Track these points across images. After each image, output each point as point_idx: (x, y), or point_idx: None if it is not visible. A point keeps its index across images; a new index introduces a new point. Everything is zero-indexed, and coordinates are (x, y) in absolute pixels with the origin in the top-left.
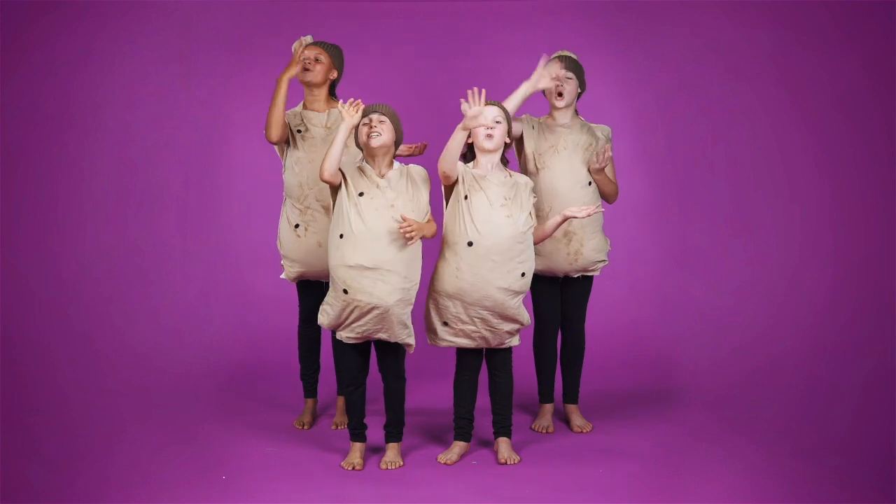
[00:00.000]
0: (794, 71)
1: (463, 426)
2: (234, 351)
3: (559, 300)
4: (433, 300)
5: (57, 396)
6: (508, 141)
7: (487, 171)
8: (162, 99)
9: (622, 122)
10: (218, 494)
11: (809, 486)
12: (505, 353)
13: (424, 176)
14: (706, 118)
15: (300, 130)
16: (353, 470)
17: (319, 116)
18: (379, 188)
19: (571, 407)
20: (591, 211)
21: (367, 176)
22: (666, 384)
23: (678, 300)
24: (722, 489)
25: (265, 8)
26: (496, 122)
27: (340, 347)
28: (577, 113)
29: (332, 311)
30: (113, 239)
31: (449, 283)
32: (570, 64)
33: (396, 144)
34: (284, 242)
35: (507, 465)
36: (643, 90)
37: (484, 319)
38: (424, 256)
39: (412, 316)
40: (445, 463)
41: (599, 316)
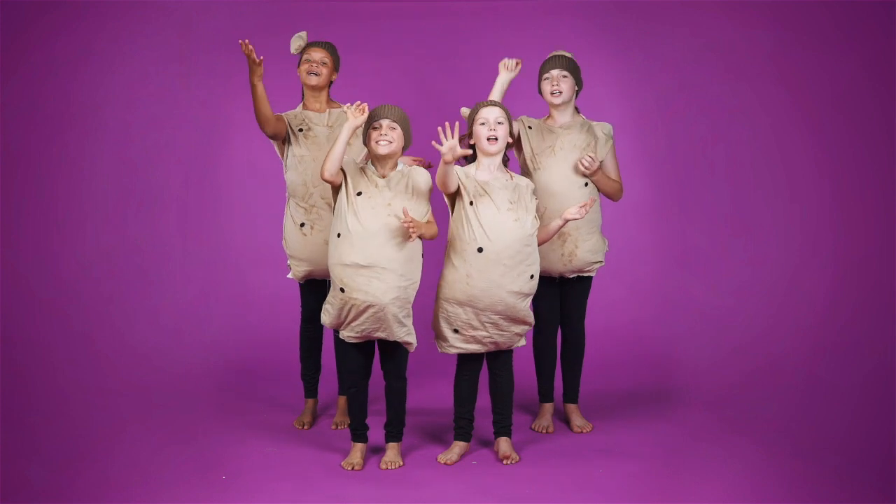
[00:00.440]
0: (794, 71)
1: (463, 426)
2: (234, 351)
3: (558, 300)
4: (442, 308)
5: (57, 396)
6: (510, 140)
7: (490, 173)
8: (162, 99)
9: (622, 122)
10: (218, 494)
11: (809, 486)
12: (506, 353)
13: (427, 180)
14: (706, 118)
15: (302, 129)
16: (353, 470)
17: (320, 116)
18: (377, 188)
19: (571, 407)
20: (587, 205)
21: (367, 176)
22: (666, 384)
23: (678, 300)
24: (722, 489)
25: (265, 8)
26: (498, 122)
27: (342, 347)
28: (577, 111)
29: (332, 310)
30: (113, 239)
31: (460, 290)
32: (565, 63)
33: (404, 148)
34: (290, 242)
35: (507, 464)
36: (643, 90)
37: (495, 324)
38: (429, 263)
39: (413, 315)
40: (445, 463)
41: (599, 316)
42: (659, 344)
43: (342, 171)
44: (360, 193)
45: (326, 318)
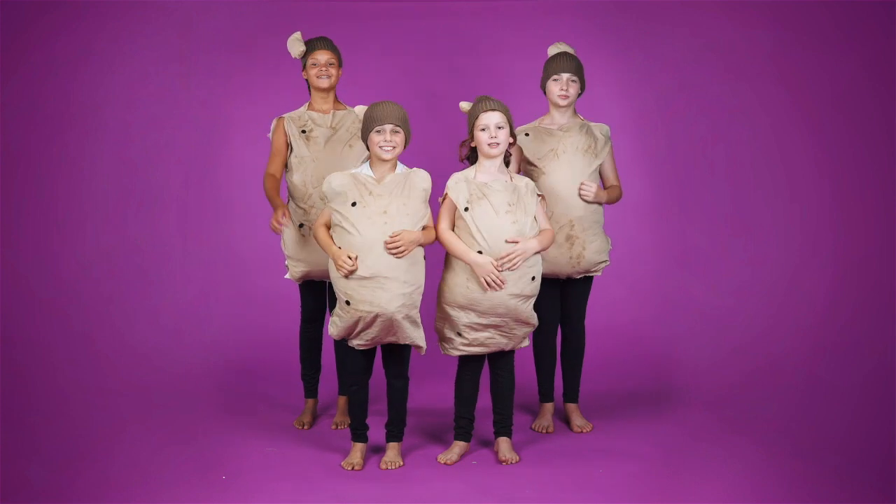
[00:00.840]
0: (794, 71)
1: (463, 426)
2: (234, 351)
3: (559, 299)
4: (444, 312)
5: (57, 396)
6: (512, 141)
7: (490, 175)
8: (162, 99)
9: (622, 122)
10: (218, 494)
11: (809, 486)
12: (508, 353)
13: (426, 183)
14: (706, 118)
15: (304, 131)
16: (353, 470)
17: (324, 117)
18: (372, 195)
19: (571, 406)
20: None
21: (360, 183)
22: (666, 384)
23: (678, 300)
24: (722, 489)
25: (265, 8)
26: (499, 127)
27: (343, 348)
28: (575, 112)
29: (340, 322)
30: (113, 239)
31: (460, 293)
32: (574, 65)
33: (405, 145)
34: (289, 243)
35: (507, 464)
36: (643, 90)
37: (498, 326)
38: (431, 265)
39: (421, 318)
40: (445, 463)
41: (599, 315)
42: (659, 344)
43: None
44: (354, 204)
45: (335, 330)
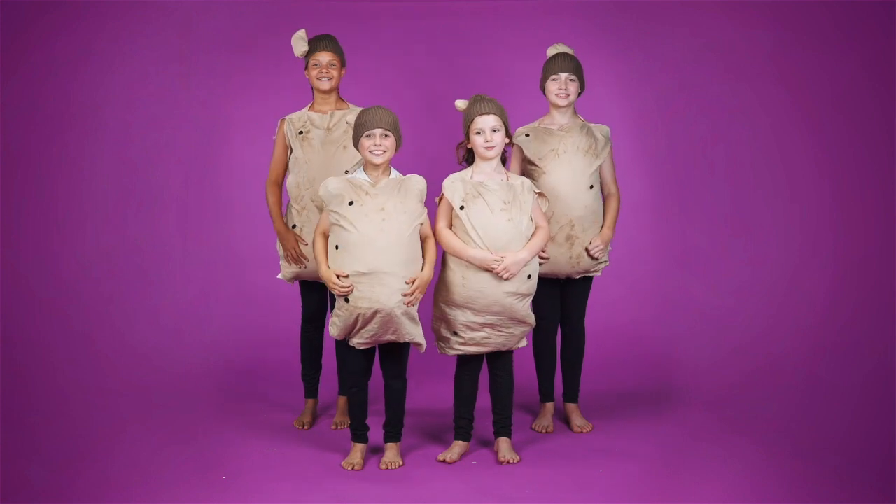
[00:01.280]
0: (794, 71)
1: (463, 426)
2: (234, 351)
3: (559, 299)
4: (440, 311)
5: (57, 396)
6: (508, 140)
7: (486, 174)
8: (162, 99)
9: (622, 122)
10: (218, 494)
11: (809, 486)
12: (506, 353)
13: (421, 185)
14: (706, 118)
15: (302, 132)
16: (353, 470)
17: (322, 118)
18: (368, 194)
19: (571, 406)
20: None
21: (356, 185)
22: (666, 384)
23: (678, 300)
24: (722, 489)
25: (265, 8)
26: (494, 130)
27: (344, 348)
28: (575, 112)
29: (340, 322)
30: (113, 239)
31: (456, 292)
32: (573, 65)
33: (396, 148)
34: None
35: (507, 464)
36: (643, 90)
37: (494, 325)
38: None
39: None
40: (445, 462)
41: (599, 315)
42: (659, 344)
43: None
44: (351, 203)
45: (335, 330)
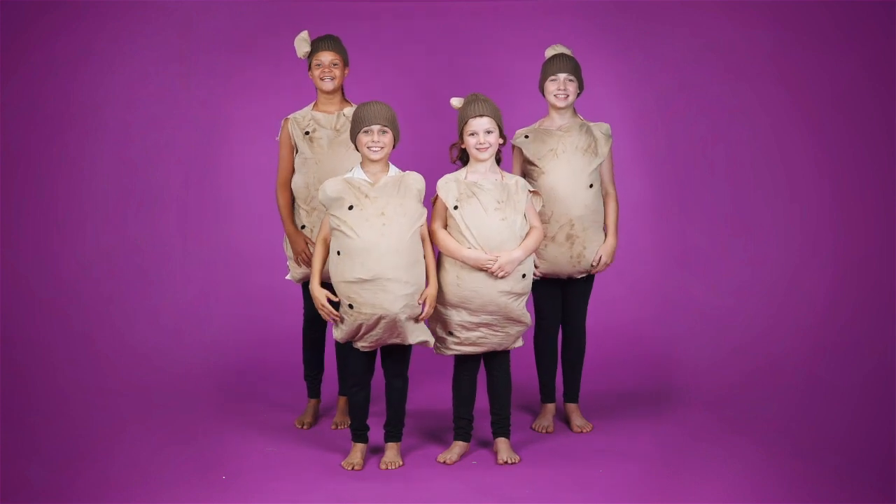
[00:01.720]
0: (794, 71)
1: (463, 426)
2: (234, 351)
3: (560, 299)
4: (436, 311)
5: (57, 396)
6: (502, 141)
7: (481, 174)
8: (162, 99)
9: (622, 122)
10: (218, 494)
11: (809, 486)
12: (503, 353)
13: (420, 184)
14: (706, 118)
15: (308, 132)
16: (352, 470)
17: (328, 118)
18: (368, 197)
19: (571, 406)
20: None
21: (355, 187)
22: (666, 384)
23: (678, 300)
24: (722, 489)
25: (265, 8)
26: (488, 132)
27: (345, 348)
28: (575, 112)
29: (344, 326)
30: (113, 239)
31: (451, 292)
32: (571, 66)
33: (394, 144)
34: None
35: (506, 465)
36: (643, 90)
37: (489, 325)
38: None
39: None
40: (445, 463)
41: (600, 315)
42: (659, 344)
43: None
44: (351, 207)
45: (339, 333)
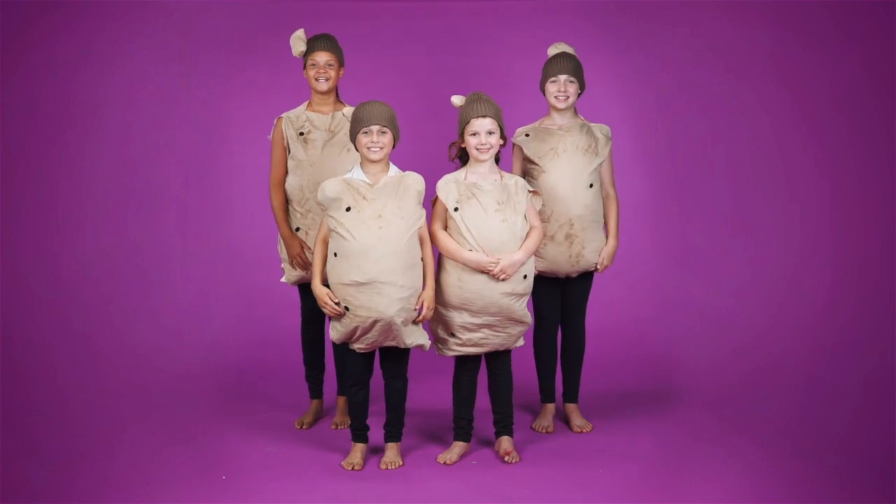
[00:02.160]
0: (794, 71)
1: (463, 426)
2: (234, 351)
3: (559, 298)
4: (437, 313)
5: (57, 396)
6: (502, 142)
7: (480, 174)
8: (162, 99)
9: (622, 122)
10: (218, 494)
11: (809, 486)
12: (504, 353)
13: (419, 185)
14: (706, 118)
15: (303, 133)
16: (352, 470)
17: (323, 119)
18: (366, 199)
19: (571, 406)
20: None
21: (354, 188)
22: (666, 384)
23: (678, 300)
24: (722, 489)
25: (265, 8)
26: (489, 133)
27: (344, 349)
28: (576, 112)
29: (340, 327)
30: (113, 239)
31: (453, 293)
32: (572, 67)
33: (394, 144)
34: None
35: (507, 463)
36: (643, 90)
37: (491, 325)
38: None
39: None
40: (445, 463)
41: (600, 315)
42: (659, 344)
43: (325, 202)
44: (348, 209)
45: (335, 334)
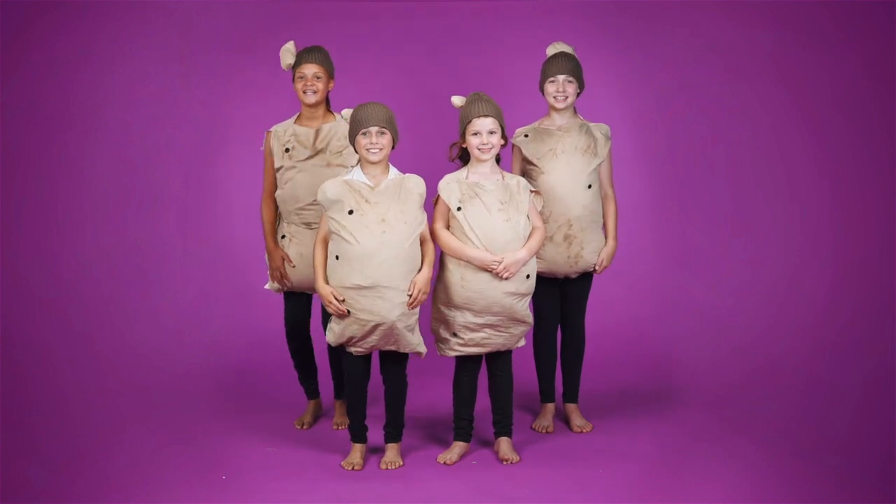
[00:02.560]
0: (794, 71)
1: (463, 426)
2: (234, 351)
3: (559, 298)
4: (439, 312)
5: (57, 396)
6: (503, 142)
7: (482, 174)
8: (162, 99)
9: (622, 122)
10: (218, 494)
11: (809, 486)
12: (505, 353)
13: (421, 188)
14: (706, 118)
15: (287, 149)
16: (352, 470)
17: (308, 133)
18: (368, 202)
19: (571, 406)
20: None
21: (355, 190)
22: (666, 384)
23: (678, 300)
24: (722, 489)
25: (265, 8)
26: (491, 133)
27: (341, 351)
28: (575, 112)
29: (337, 329)
30: (113, 239)
31: (455, 293)
32: (571, 67)
33: (392, 146)
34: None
35: (507, 464)
36: (643, 90)
37: (493, 325)
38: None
39: (419, 323)
40: (445, 463)
41: (599, 315)
42: (659, 344)
43: (326, 202)
44: (351, 212)
45: (332, 337)
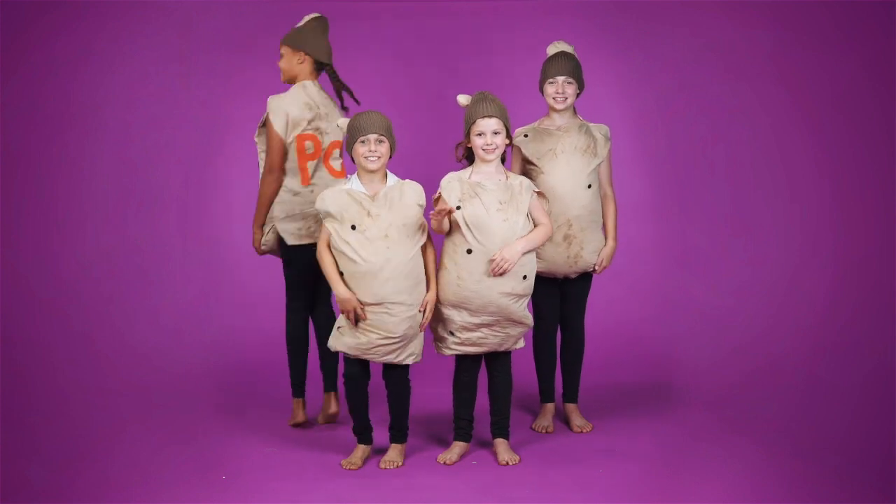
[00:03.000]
0: (794, 71)
1: (463, 426)
2: (234, 351)
3: (558, 299)
4: (437, 311)
5: (57, 396)
6: (508, 142)
7: (485, 174)
8: (162, 99)
9: (622, 122)
10: (218, 494)
11: (809, 486)
12: (504, 354)
13: (421, 199)
14: (706, 118)
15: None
16: (352, 469)
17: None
18: (370, 216)
19: (571, 406)
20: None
21: (357, 202)
22: (666, 384)
23: (678, 300)
24: (722, 489)
25: (265, 8)
26: (495, 133)
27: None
28: (575, 112)
29: (347, 339)
30: (113, 239)
31: (452, 292)
32: (571, 68)
33: (390, 154)
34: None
35: (507, 465)
36: (643, 90)
37: (490, 325)
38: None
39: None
40: (445, 463)
41: (599, 315)
42: (659, 344)
43: (327, 216)
44: (353, 227)
45: (340, 345)
